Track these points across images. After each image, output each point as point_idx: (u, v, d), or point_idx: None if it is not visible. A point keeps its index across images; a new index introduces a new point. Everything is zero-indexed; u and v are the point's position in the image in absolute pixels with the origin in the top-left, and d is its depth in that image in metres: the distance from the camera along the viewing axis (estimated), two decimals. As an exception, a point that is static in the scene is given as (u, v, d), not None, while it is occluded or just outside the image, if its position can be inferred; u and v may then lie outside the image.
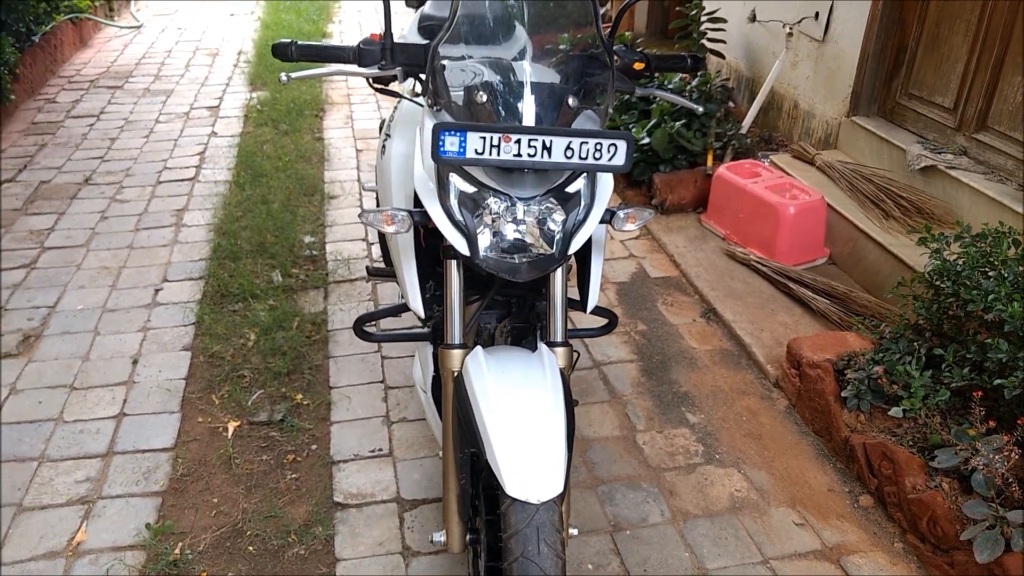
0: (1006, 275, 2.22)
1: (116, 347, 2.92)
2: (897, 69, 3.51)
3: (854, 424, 2.43)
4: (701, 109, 1.91)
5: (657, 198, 3.83)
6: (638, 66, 1.76)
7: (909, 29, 3.41)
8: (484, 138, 1.40)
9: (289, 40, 1.67)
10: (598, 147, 1.43)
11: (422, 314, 1.78)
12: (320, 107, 5.28)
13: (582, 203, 1.57)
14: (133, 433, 2.52)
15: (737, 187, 3.47)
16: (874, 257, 3.13)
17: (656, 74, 1.87)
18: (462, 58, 1.63)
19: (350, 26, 7.28)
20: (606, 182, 1.64)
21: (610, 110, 1.66)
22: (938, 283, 2.40)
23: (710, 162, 3.86)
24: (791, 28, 3.94)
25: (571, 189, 1.56)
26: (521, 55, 1.66)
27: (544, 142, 1.41)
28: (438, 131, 1.39)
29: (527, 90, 1.51)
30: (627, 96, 4.05)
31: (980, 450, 2.02)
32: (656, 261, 3.55)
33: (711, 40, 4.41)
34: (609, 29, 1.76)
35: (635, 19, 6.03)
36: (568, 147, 1.43)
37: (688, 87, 4.17)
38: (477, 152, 1.41)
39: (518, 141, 1.41)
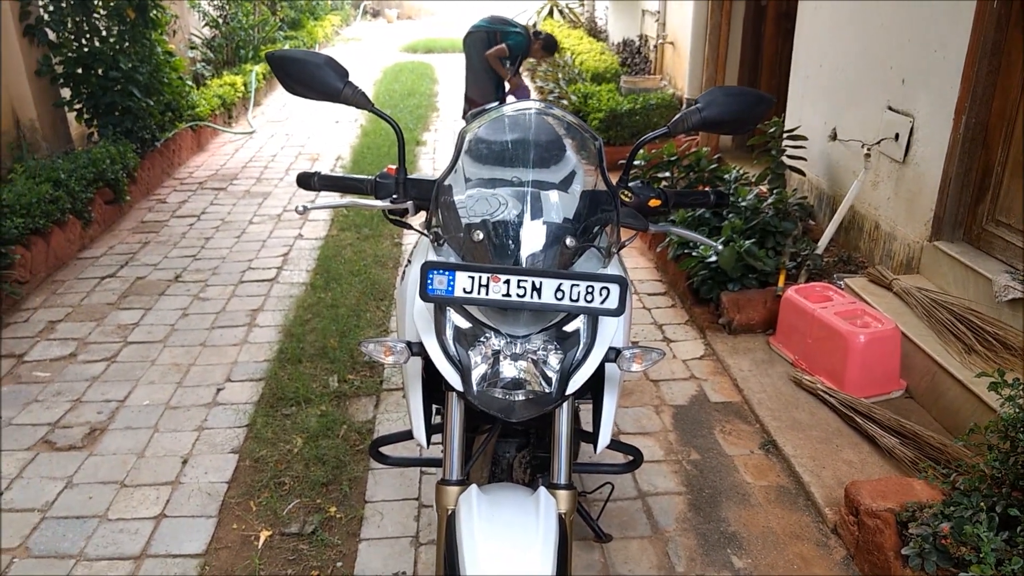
0: (1088, 432, 1.99)
1: (170, 445, 3.01)
2: (983, 194, 3.32)
3: (917, 586, 2.18)
4: (720, 247, 1.86)
5: (724, 317, 3.70)
6: (654, 203, 1.73)
7: (994, 153, 3.24)
8: (472, 278, 1.39)
9: (313, 171, 1.73)
10: (589, 290, 1.40)
11: (424, 443, 1.75)
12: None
13: (581, 343, 1.52)
14: (168, 536, 2.56)
15: (805, 311, 3.31)
16: (953, 394, 2.88)
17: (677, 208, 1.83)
18: (473, 183, 1.63)
19: (445, 135, 7.59)
20: (609, 322, 1.58)
21: (614, 249, 1.62)
22: (1014, 434, 2.17)
23: (782, 282, 3.72)
24: (869, 149, 3.82)
25: (569, 328, 1.52)
26: (541, 183, 1.66)
27: (534, 283, 1.39)
28: (426, 270, 1.39)
29: (524, 229, 1.50)
30: (697, 213, 4.02)
31: (1051, 637, 1.77)
32: (718, 384, 3.40)
33: (791, 157, 4.35)
34: (624, 167, 1.74)
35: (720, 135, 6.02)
36: (559, 289, 1.40)
37: (764, 203, 4.08)
38: (465, 291, 1.40)
39: (507, 282, 1.39)
